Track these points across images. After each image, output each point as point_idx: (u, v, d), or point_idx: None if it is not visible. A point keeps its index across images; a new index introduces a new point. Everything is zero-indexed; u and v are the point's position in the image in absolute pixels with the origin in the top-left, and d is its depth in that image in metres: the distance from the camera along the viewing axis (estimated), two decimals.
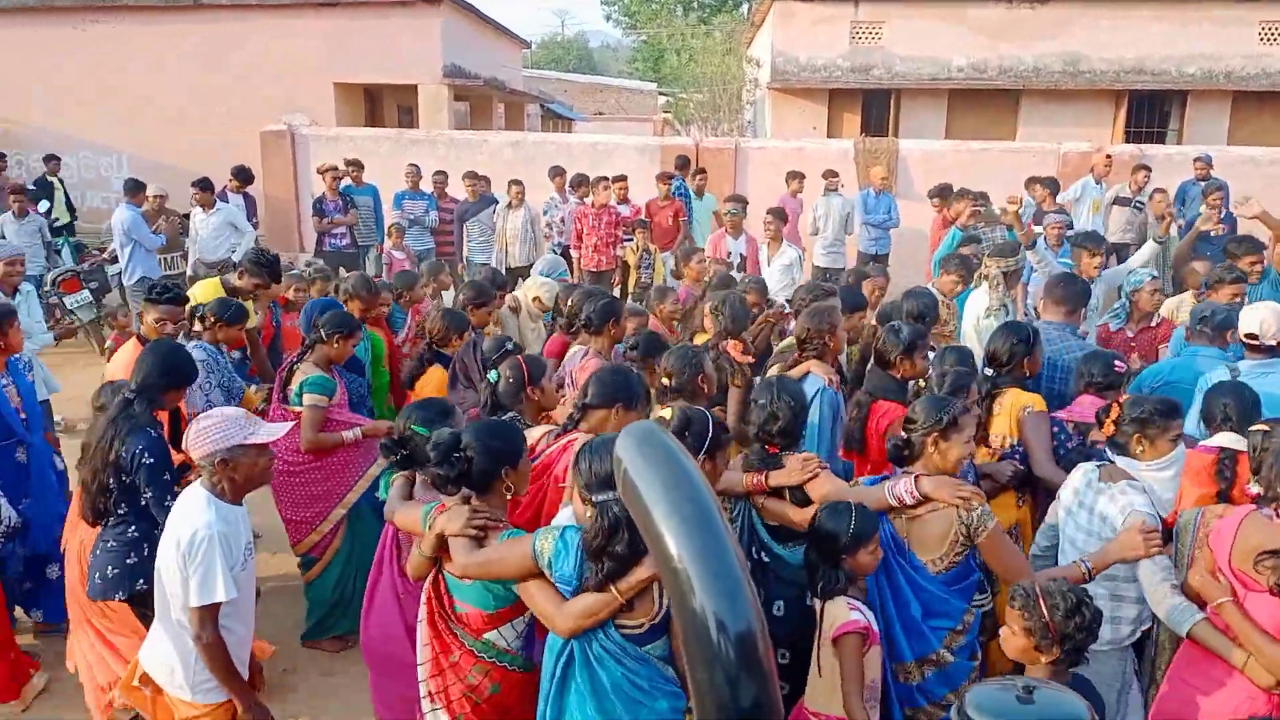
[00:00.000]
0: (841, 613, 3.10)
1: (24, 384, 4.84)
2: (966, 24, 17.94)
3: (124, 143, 16.28)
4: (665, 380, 3.97)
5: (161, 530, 3.42)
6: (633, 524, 2.51)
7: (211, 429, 3.15)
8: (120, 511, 3.70)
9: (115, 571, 3.71)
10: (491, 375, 4.08)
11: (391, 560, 3.62)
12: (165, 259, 10.50)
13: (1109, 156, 11.54)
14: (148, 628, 3.56)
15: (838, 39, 18.52)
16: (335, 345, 4.89)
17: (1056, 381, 4.91)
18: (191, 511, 3.14)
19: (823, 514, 3.24)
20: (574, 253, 10.59)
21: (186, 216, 11.04)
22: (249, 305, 5.85)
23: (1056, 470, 4.07)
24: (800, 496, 3.50)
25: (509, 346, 4.53)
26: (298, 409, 4.78)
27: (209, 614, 3.07)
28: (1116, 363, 4.34)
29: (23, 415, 4.75)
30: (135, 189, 10.28)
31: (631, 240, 10.26)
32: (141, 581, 3.67)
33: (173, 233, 10.67)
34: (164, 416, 4.03)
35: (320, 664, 4.94)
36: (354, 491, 4.90)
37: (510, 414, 3.97)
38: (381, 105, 19.92)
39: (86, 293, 9.97)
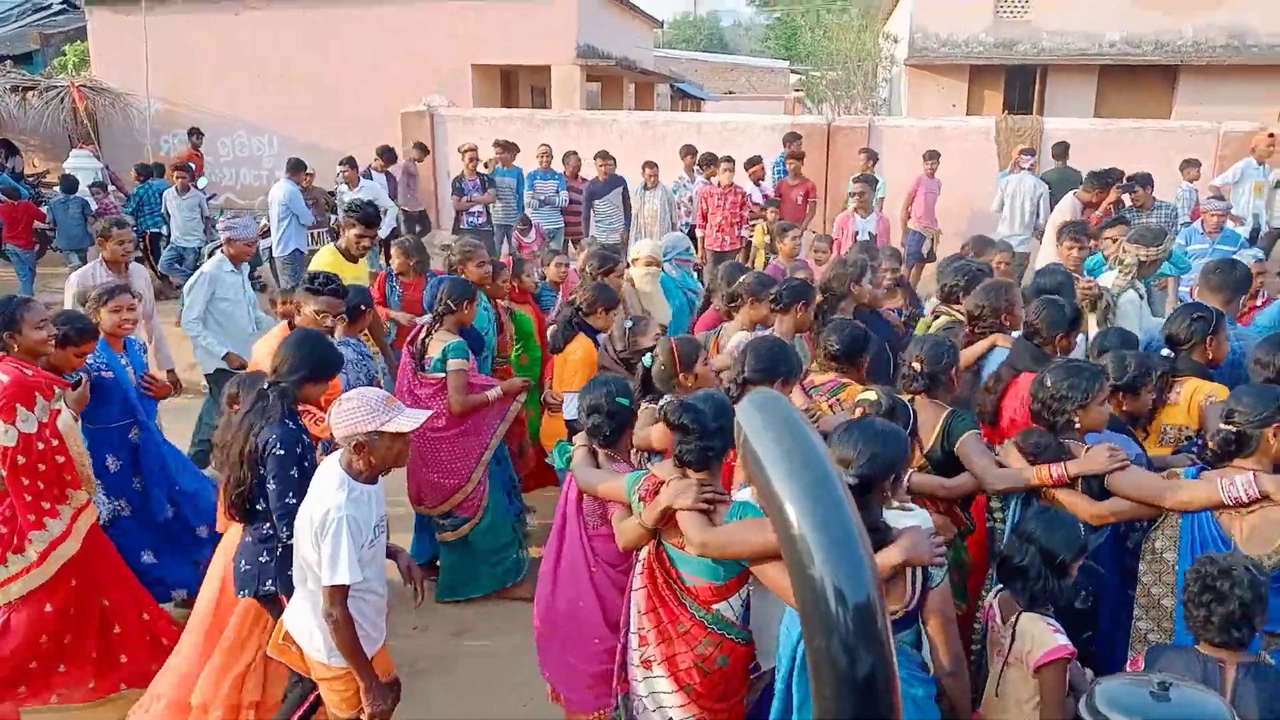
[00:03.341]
0: (1045, 636, 2.87)
1: (140, 363, 4.97)
2: None
3: (274, 123, 17.10)
4: (915, 366, 3.81)
5: (278, 533, 3.53)
6: (860, 507, 2.51)
7: (351, 411, 3.16)
8: (260, 507, 3.58)
9: (248, 568, 3.64)
10: (646, 360, 4.08)
11: (580, 527, 3.56)
12: (312, 234, 11.02)
13: (1272, 135, 10.78)
14: (269, 631, 3.66)
15: (981, 13, 17.86)
16: (465, 311, 5.11)
17: (1224, 374, 4.57)
18: (326, 489, 3.19)
19: (1046, 521, 3.07)
20: (699, 232, 10.58)
21: (332, 194, 11.54)
22: (359, 265, 6.03)
23: (1143, 479, 3.66)
24: (1095, 488, 3.33)
25: (628, 324, 4.67)
26: (437, 376, 4.97)
27: (338, 593, 3.12)
28: None
29: (140, 392, 4.85)
30: (297, 167, 10.83)
31: (760, 222, 10.18)
32: (270, 583, 3.61)
33: (320, 210, 11.18)
34: None
35: (452, 621, 5.12)
36: (489, 450, 5.15)
37: (664, 397, 3.92)
38: (516, 86, 20.29)
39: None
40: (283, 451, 3.44)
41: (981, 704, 3.09)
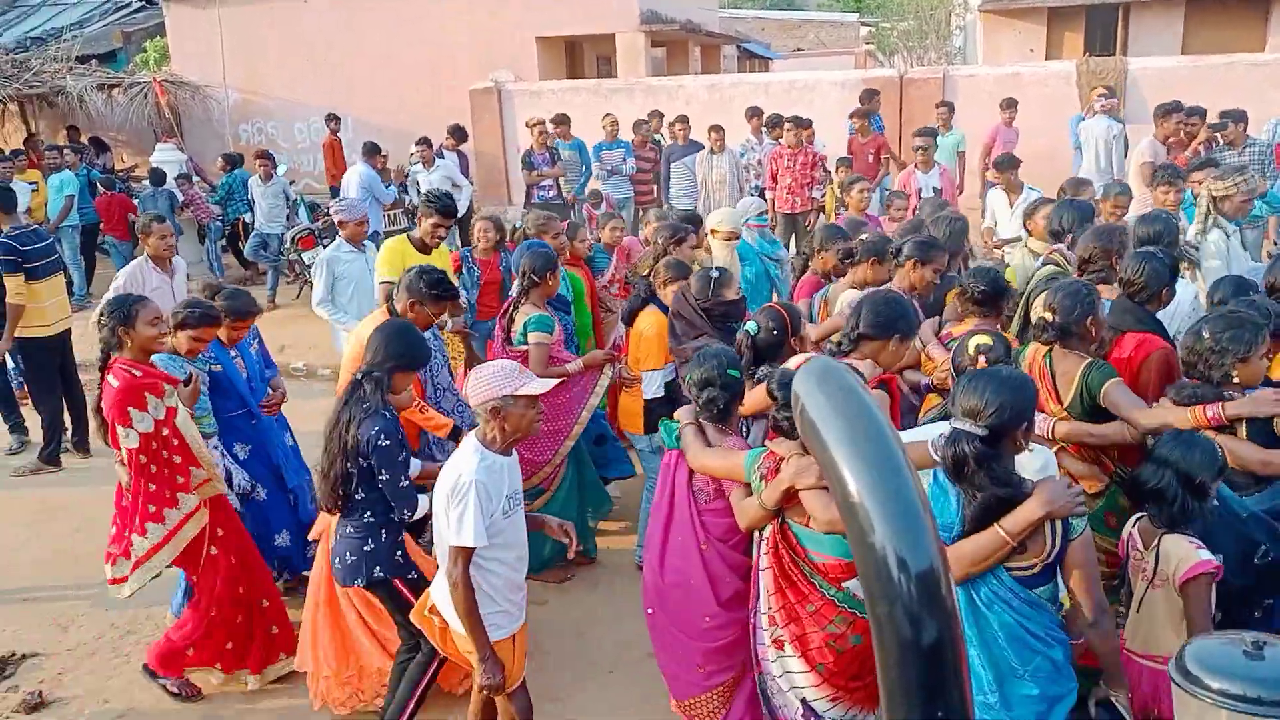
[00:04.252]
0: (1189, 552, 2.87)
1: (249, 357, 5.05)
2: None
3: (347, 107, 17.36)
4: (1048, 315, 3.65)
5: (398, 516, 3.67)
6: (993, 458, 2.52)
7: (487, 378, 3.27)
8: (358, 497, 3.64)
9: (353, 559, 3.69)
10: (750, 326, 3.93)
11: (690, 503, 3.53)
12: (390, 215, 11.22)
13: None
14: (394, 614, 3.82)
15: None
16: (549, 282, 5.14)
17: None
18: (461, 458, 3.29)
19: (1182, 443, 3.03)
20: (769, 194, 10.45)
21: (406, 174, 11.72)
22: (432, 255, 5.95)
23: None
24: (1262, 436, 3.24)
25: (715, 274, 4.55)
26: (522, 349, 5.03)
27: (461, 554, 3.19)
28: None
29: (250, 384, 4.93)
30: (372, 151, 11.07)
31: (831, 181, 10.01)
32: (378, 569, 3.68)
33: (396, 190, 11.39)
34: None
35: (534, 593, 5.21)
36: (579, 424, 5.21)
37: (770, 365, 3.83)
38: (581, 56, 20.23)
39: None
40: (388, 442, 3.56)
41: (1126, 627, 3.06)
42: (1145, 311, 4.01)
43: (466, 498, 3.16)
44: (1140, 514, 3.11)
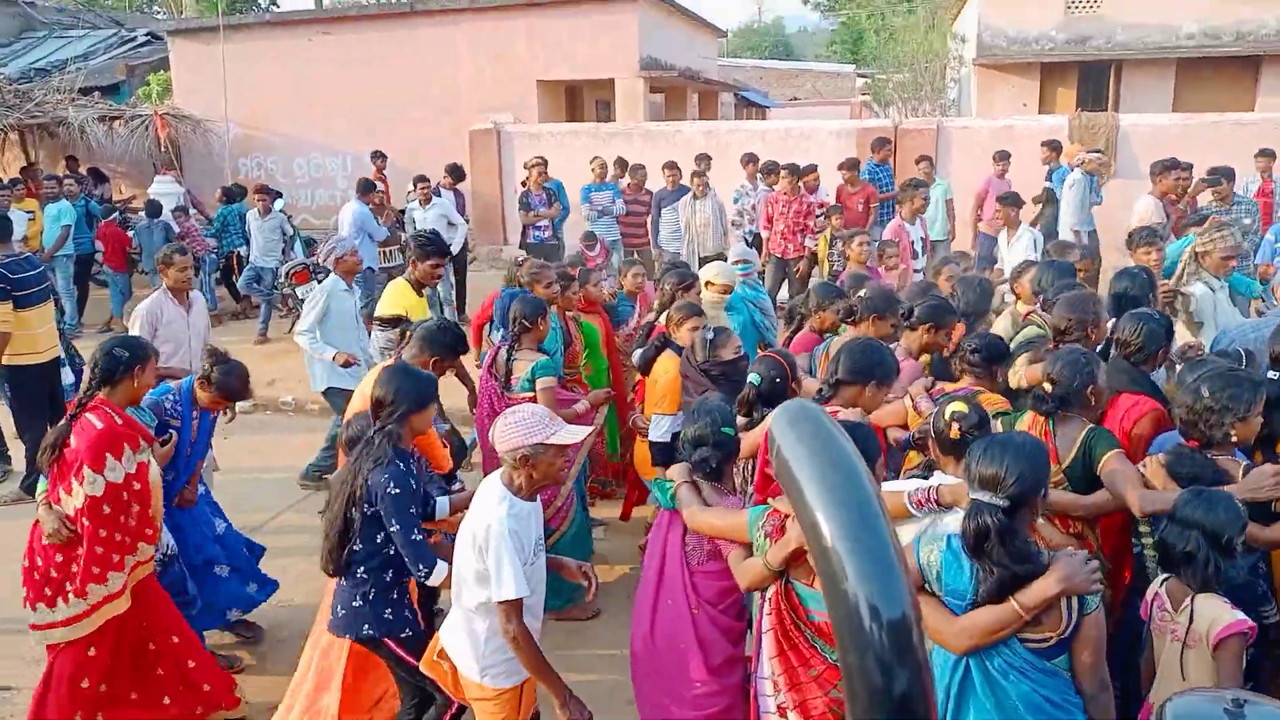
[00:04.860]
0: (1224, 612, 2.85)
1: (205, 422, 4.87)
2: None
3: (348, 144, 17.52)
4: (1047, 386, 3.62)
5: (400, 572, 3.52)
6: (1012, 533, 2.49)
7: (518, 424, 3.14)
8: (356, 549, 3.48)
9: (343, 613, 3.57)
10: (753, 378, 3.93)
11: (682, 566, 3.46)
12: (384, 252, 11.26)
13: None
14: (395, 672, 3.69)
15: (1051, 8, 17.49)
16: (540, 327, 5.21)
17: None
18: (488, 504, 3.18)
19: (1204, 502, 2.98)
20: (764, 234, 10.57)
21: (402, 212, 11.78)
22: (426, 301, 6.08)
23: None
24: (1260, 513, 3.20)
25: (709, 336, 4.56)
26: (525, 394, 5.02)
27: (513, 609, 3.06)
28: None
29: (190, 451, 4.75)
30: (367, 189, 11.14)
31: (824, 231, 10.10)
32: (367, 627, 3.54)
33: (391, 227, 11.44)
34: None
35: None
36: (576, 464, 5.29)
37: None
38: (581, 99, 20.46)
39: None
40: (398, 490, 3.39)
41: (1153, 689, 3.02)
42: (1140, 372, 4.00)
43: (501, 550, 3.05)
44: (1167, 575, 3.07)
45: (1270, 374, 3.79)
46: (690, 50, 21.47)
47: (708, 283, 6.07)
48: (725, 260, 9.48)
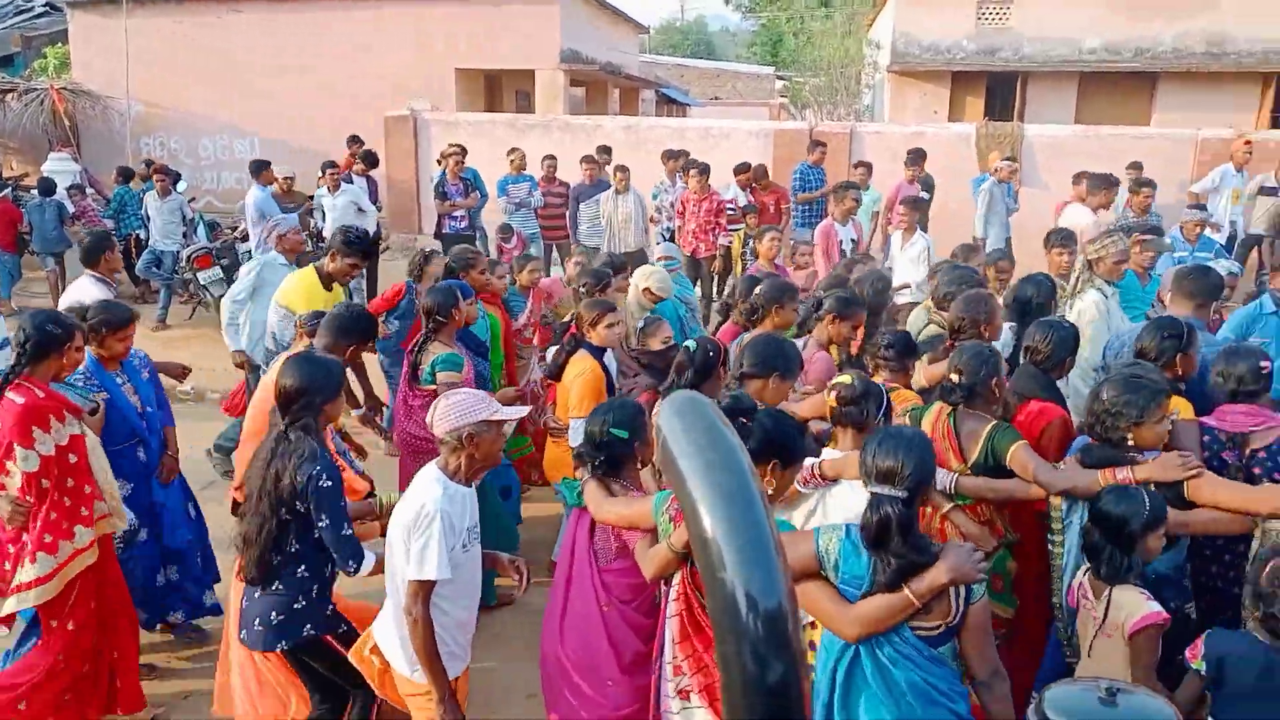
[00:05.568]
0: (1139, 603, 2.97)
1: (142, 385, 4.72)
2: (1100, 2, 17.11)
3: (256, 126, 17.04)
4: (954, 377, 3.72)
5: (334, 568, 3.39)
6: (912, 523, 2.56)
7: (459, 405, 3.11)
8: (292, 550, 3.30)
9: (280, 618, 3.34)
10: (689, 344, 3.98)
11: (591, 565, 3.45)
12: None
13: (1248, 142, 10.83)
14: (307, 686, 3.54)
15: (963, 19, 17.95)
16: (455, 318, 5.05)
17: (1192, 382, 4.56)
18: (423, 488, 3.12)
19: (1111, 497, 3.14)
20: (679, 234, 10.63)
21: (311, 198, 11.49)
22: (337, 289, 5.86)
23: (1231, 486, 3.43)
24: (1170, 498, 3.28)
25: (640, 325, 4.56)
26: (429, 388, 4.91)
27: (422, 589, 3.02)
28: (1263, 363, 3.82)
29: (143, 412, 4.64)
30: (259, 168, 10.78)
31: (739, 229, 10.21)
32: (309, 627, 3.38)
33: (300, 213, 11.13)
34: None
35: None
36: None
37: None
38: (500, 90, 20.28)
39: (218, 269, 10.46)
40: (330, 483, 3.23)
41: (1076, 673, 3.13)
42: (1048, 379, 4.13)
43: (430, 529, 2.99)
44: (1089, 566, 3.20)
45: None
46: (612, 45, 21.47)
47: (645, 289, 5.97)
48: (645, 256, 9.56)
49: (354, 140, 13.00)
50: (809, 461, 3.27)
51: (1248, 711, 2.80)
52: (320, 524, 3.25)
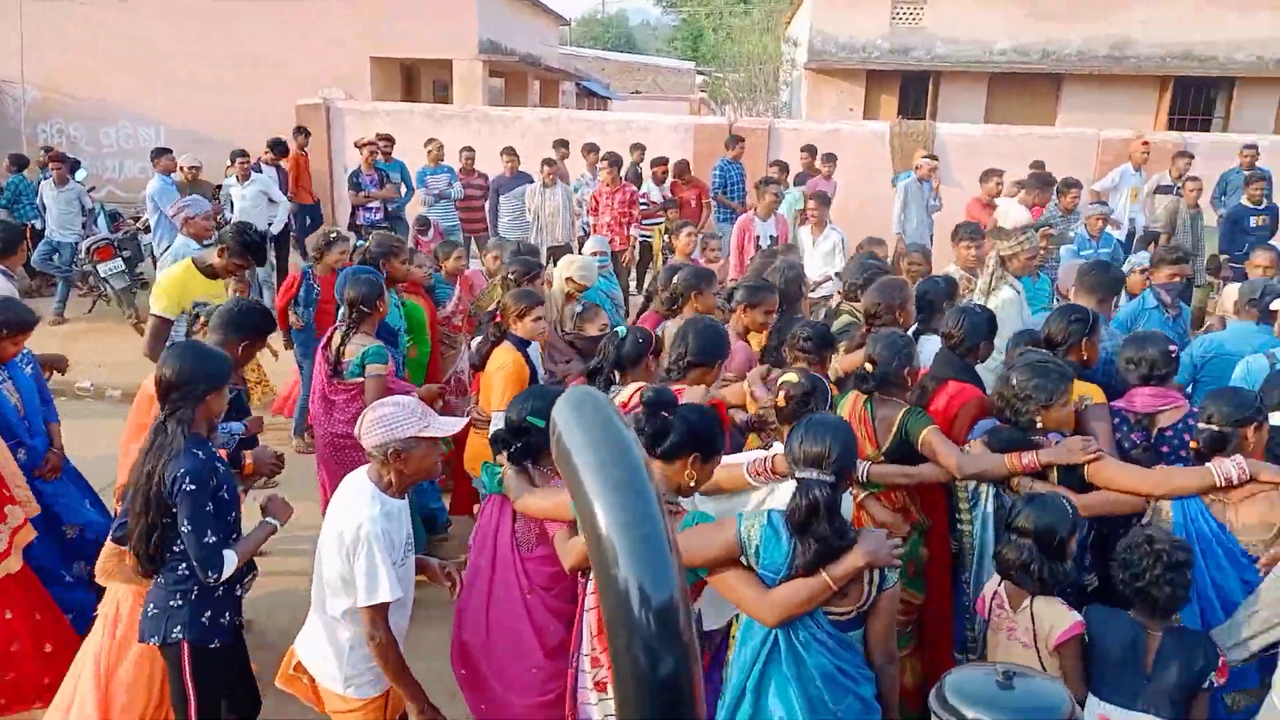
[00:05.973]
0: (1062, 615, 3.02)
1: (24, 381, 4.49)
2: (1010, 5, 17.62)
3: (162, 113, 16.46)
4: (868, 366, 3.79)
5: (200, 578, 3.20)
6: (836, 507, 2.61)
7: (386, 418, 2.96)
8: (176, 549, 3.19)
9: (154, 612, 3.25)
10: (621, 330, 4.02)
11: (513, 552, 3.40)
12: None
13: (1146, 143, 11.28)
14: (166, 686, 3.39)
15: (878, 19, 18.29)
16: (379, 309, 4.93)
17: (1097, 373, 4.62)
18: (355, 504, 2.98)
19: (1032, 510, 3.13)
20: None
21: (219, 188, 11.16)
22: (221, 284, 5.53)
23: (1126, 469, 3.57)
24: (1072, 480, 3.37)
25: (577, 310, 4.51)
26: (354, 381, 4.78)
27: (379, 613, 2.91)
28: (1170, 347, 4.04)
29: (23, 413, 4.41)
30: (159, 155, 10.45)
31: (659, 223, 10.24)
32: (177, 630, 3.22)
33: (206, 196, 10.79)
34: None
35: None
36: None
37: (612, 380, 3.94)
38: (418, 80, 19.96)
39: (119, 260, 10.08)
40: (193, 487, 3.08)
41: None
42: (964, 363, 4.25)
43: (372, 551, 2.87)
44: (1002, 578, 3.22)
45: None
46: (532, 36, 21.32)
47: (569, 279, 5.89)
48: (571, 249, 9.52)
49: (300, 131, 12.67)
50: (762, 454, 3.31)
51: (1118, 681, 2.92)
52: (182, 529, 3.11)
